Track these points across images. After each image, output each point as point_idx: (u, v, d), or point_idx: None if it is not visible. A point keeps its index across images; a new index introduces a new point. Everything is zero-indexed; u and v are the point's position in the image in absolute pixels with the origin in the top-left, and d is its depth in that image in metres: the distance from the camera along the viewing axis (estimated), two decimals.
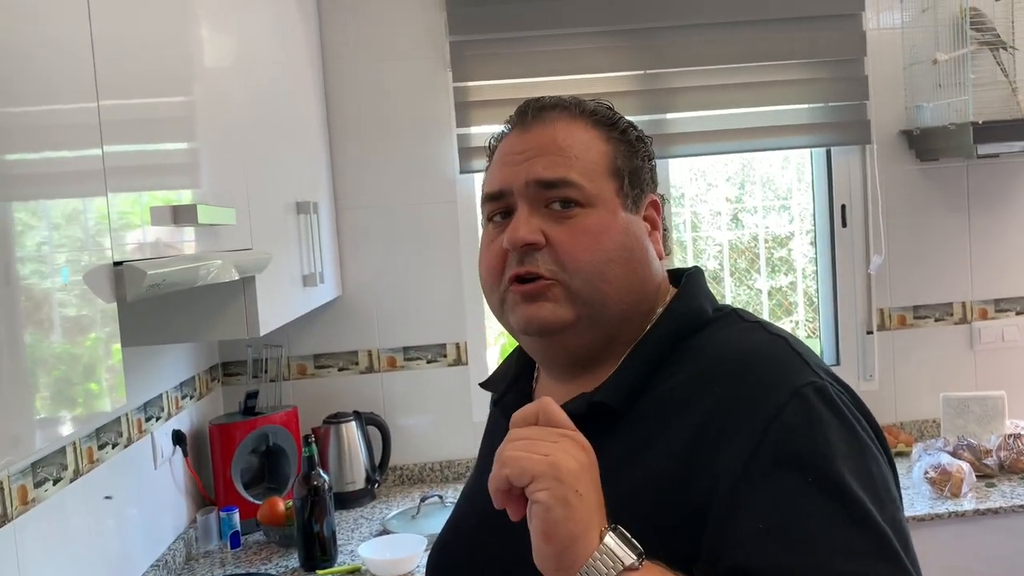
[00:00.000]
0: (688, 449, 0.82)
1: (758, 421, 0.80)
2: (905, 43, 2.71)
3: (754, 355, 0.87)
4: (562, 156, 0.93)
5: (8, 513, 1.47)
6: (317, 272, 2.22)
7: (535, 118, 0.97)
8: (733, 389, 0.84)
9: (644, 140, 1.00)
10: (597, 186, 0.93)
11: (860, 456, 0.79)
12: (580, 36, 2.65)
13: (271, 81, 2.04)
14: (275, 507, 2.28)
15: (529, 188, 0.93)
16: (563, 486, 0.74)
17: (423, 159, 2.69)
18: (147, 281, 1.04)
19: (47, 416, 0.90)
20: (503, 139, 1.00)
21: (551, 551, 0.74)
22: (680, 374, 0.89)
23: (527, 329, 0.94)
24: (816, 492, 0.76)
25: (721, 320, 0.94)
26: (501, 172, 0.96)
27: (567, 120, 0.96)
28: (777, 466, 0.77)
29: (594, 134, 0.96)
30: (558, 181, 0.92)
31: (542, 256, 0.91)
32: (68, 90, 1.00)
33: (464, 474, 2.71)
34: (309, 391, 2.68)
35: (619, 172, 0.95)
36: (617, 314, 0.93)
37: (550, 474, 0.74)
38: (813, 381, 0.83)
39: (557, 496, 0.74)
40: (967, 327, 2.81)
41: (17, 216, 0.86)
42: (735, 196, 3.17)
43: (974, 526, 2.20)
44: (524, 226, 0.91)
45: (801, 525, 0.75)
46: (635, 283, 0.93)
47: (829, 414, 0.81)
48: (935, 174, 2.78)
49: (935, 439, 2.54)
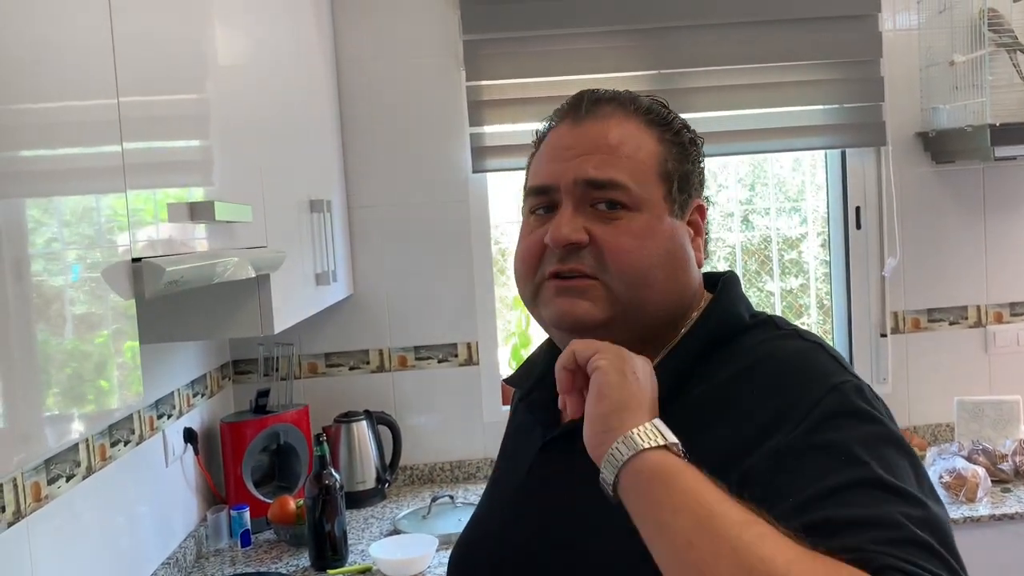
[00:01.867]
0: (727, 450, 0.81)
1: (798, 414, 0.79)
2: (921, 44, 2.69)
3: (792, 360, 0.87)
4: (613, 156, 0.91)
5: (22, 510, 1.46)
6: (330, 270, 2.22)
7: (589, 112, 0.94)
8: (772, 388, 0.83)
9: (697, 143, 0.98)
10: (646, 189, 0.91)
11: (898, 446, 0.78)
12: (594, 35, 2.64)
13: (285, 80, 2.04)
14: (286, 506, 2.27)
15: (577, 186, 0.91)
16: (623, 361, 0.80)
17: (436, 158, 2.68)
18: (166, 278, 1.03)
19: (61, 413, 0.90)
20: (552, 129, 0.98)
21: (600, 411, 0.77)
22: (717, 378, 0.88)
23: (559, 324, 0.93)
24: (851, 467, 0.74)
25: (758, 327, 0.93)
26: (549, 167, 0.94)
27: (621, 117, 0.94)
28: (812, 449, 0.77)
29: (647, 134, 0.94)
30: (607, 182, 0.90)
31: (584, 255, 0.90)
32: (90, 87, 1.00)
33: (475, 474, 2.71)
34: (320, 390, 2.68)
35: (669, 176, 0.93)
36: (652, 318, 0.92)
37: (613, 351, 0.81)
38: (851, 380, 0.83)
39: (616, 366, 0.79)
40: (982, 330, 2.79)
41: (31, 213, 0.86)
42: (746, 198, 3.15)
43: (989, 531, 2.18)
44: (568, 224, 0.90)
45: (839, 491, 0.73)
46: (674, 290, 0.93)
47: (866, 407, 0.80)
48: (951, 176, 2.76)
49: (949, 443, 2.52)
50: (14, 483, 1.45)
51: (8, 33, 0.82)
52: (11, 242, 0.81)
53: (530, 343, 2.93)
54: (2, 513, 1.41)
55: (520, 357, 2.93)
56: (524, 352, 2.93)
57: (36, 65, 0.87)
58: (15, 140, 0.83)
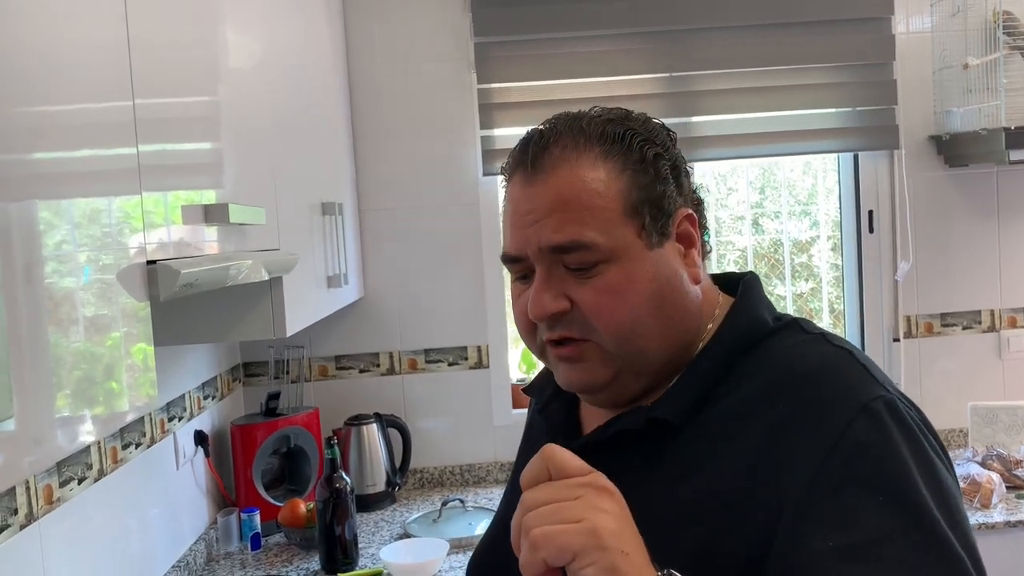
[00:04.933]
0: (753, 463, 0.79)
1: (826, 436, 0.77)
2: (935, 47, 2.68)
3: (820, 368, 0.84)
4: (571, 213, 0.85)
5: (34, 512, 1.46)
6: (341, 273, 2.21)
7: (535, 166, 0.87)
8: (800, 403, 0.81)
9: (665, 154, 0.89)
10: (615, 236, 0.85)
11: (931, 474, 0.77)
12: (605, 38, 2.63)
13: (297, 83, 2.04)
14: (296, 509, 2.27)
15: (543, 253, 0.86)
16: (609, 553, 0.66)
17: (446, 161, 2.68)
18: (181, 280, 1.03)
19: (72, 415, 0.89)
20: (509, 183, 0.92)
21: None
22: (743, 387, 0.86)
23: (569, 388, 0.92)
24: (888, 511, 0.73)
25: (782, 331, 0.90)
26: (513, 235, 0.89)
27: (572, 162, 0.86)
28: (848, 483, 0.75)
29: (604, 171, 0.86)
30: (570, 245, 0.85)
31: (571, 319, 0.87)
32: (105, 90, 0.99)
33: (485, 478, 2.70)
34: (330, 392, 2.68)
35: (638, 209, 0.86)
36: (658, 359, 0.89)
37: (592, 544, 0.66)
38: (882, 395, 0.80)
39: (607, 566, 0.66)
40: (995, 335, 2.77)
41: (44, 215, 0.85)
42: (755, 201, 3.14)
43: (1004, 538, 2.16)
44: (545, 296, 0.86)
45: (876, 544, 0.72)
46: (671, 326, 0.89)
47: (899, 430, 0.78)
48: (964, 180, 2.74)
49: (962, 449, 2.50)
50: (26, 486, 1.45)
51: (23, 36, 0.82)
52: (27, 244, 0.81)
53: None
54: (14, 516, 1.41)
55: (531, 360, 2.92)
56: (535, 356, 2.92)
57: (51, 68, 0.87)
58: (30, 142, 0.83)
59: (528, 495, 0.71)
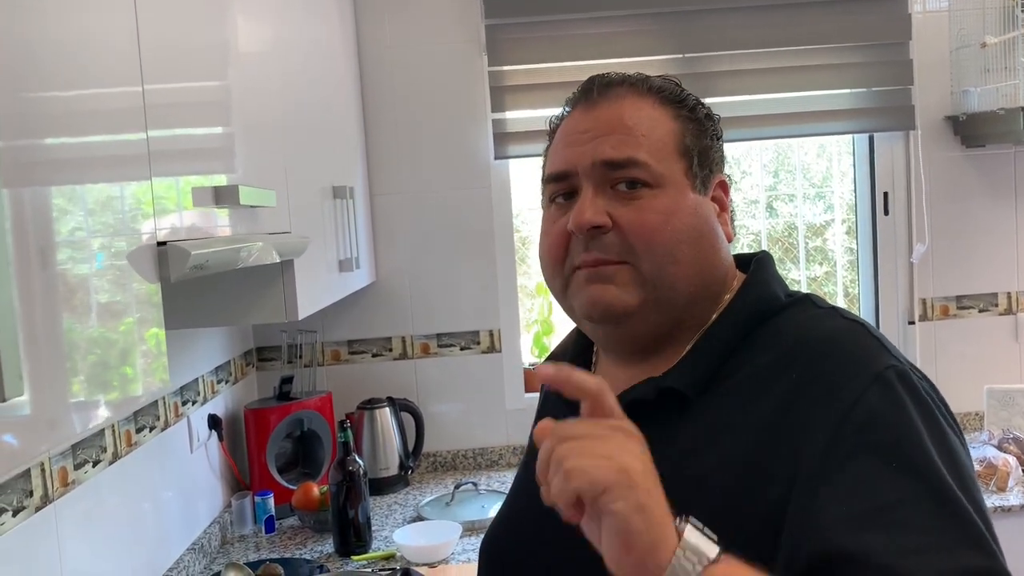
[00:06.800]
0: (767, 434, 0.80)
1: (840, 405, 0.78)
2: (952, 26, 2.64)
3: (832, 340, 0.85)
4: (630, 135, 0.90)
5: (49, 495, 1.47)
6: (353, 257, 2.21)
7: (600, 95, 0.93)
8: (812, 374, 0.81)
9: (713, 118, 0.97)
10: (666, 166, 0.89)
11: (942, 441, 0.77)
12: (617, 19, 2.61)
13: (307, 66, 2.03)
14: (310, 492, 2.28)
15: (595, 169, 0.90)
16: (638, 492, 0.67)
17: (458, 144, 2.67)
18: (191, 262, 1.03)
19: (87, 399, 0.90)
20: (565, 118, 0.97)
21: (633, 560, 0.68)
22: (755, 360, 0.86)
23: (590, 315, 0.91)
24: (901, 477, 0.73)
25: (795, 306, 0.91)
26: (565, 152, 0.93)
27: (634, 97, 0.93)
28: (861, 450, 0.75)
29: (662, 112, 0.92)
30: (625, 161, 0.89)
31: (609, 239, 0.88)
32: (115, 75, 0.99)
33: (497, 461, 2.70)
34: (343, 377, 2.68)
35: (688, 151, 0.91)
36: (685, 297, 0.90)
37: (624, 482, 0.67)
38: (894, 365, 0.81)
39: (634, 505, 0.66)
40: (1012, 318, 2.74)
41: (57, 201, 0.85)
42: (769, 184, 3.11)
43: (1021, 521, 2.15)
44: (590, 208, 0.88)
45: (890, 509, 0.72)
46: (705, 265, 0.91)
47: (911, 398, 0.78)
48: (981, 161, 2.71)
49: (978, 432, 2.49)
50: (41, 468, 1.46)
51: (33, 23, 0.82)
52: (41, 230, 0.81)
53: (553, 330, 2.92)
54: (30, 498, 1.42)
55: (543, 344, 2.92)
56: (547, 340, 2.92)
57: (62, 55, 0.87)
58: (41, 128, 0.83)
59: (563, 426, 0.71)
